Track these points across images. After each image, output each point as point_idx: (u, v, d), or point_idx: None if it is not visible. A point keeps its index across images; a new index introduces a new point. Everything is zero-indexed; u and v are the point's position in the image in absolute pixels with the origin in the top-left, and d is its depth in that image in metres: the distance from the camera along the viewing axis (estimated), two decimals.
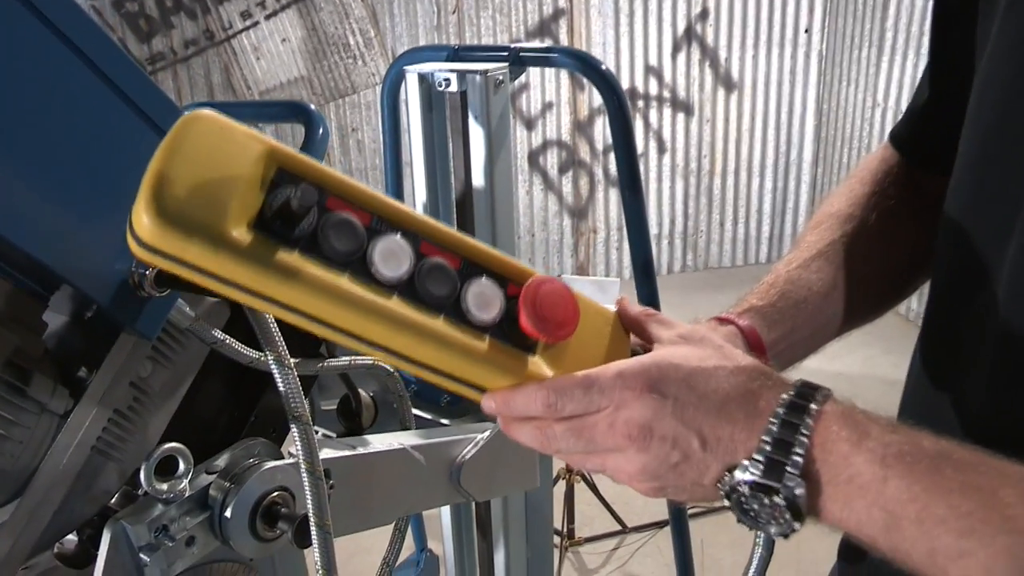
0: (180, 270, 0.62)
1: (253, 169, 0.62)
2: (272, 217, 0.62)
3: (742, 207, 6.78)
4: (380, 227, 0.67)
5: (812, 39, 6.37)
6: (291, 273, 0.62)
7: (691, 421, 0.67)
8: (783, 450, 0.64)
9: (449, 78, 1.62)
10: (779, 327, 0.90)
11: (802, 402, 0.65)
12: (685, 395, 0.67)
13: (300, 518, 0.91)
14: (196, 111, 0.63)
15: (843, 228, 0.99)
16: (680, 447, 0.67)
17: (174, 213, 0.59)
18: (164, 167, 0.60)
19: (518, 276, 0.72)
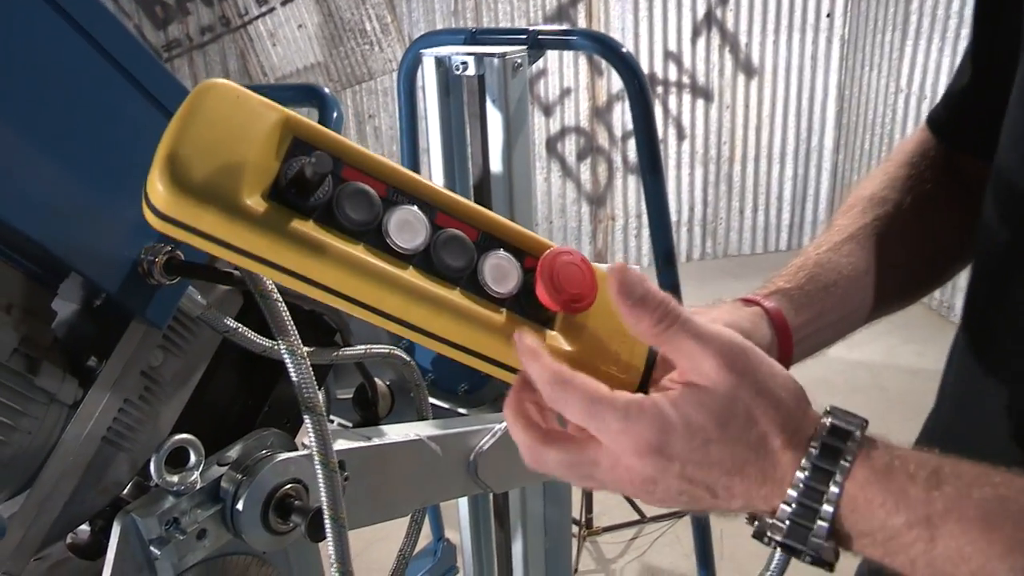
0: (194, 239, 0.61)
1: (268, 138, 0.62)
2: (287, 186, 0.61)
3: (762, 194, 6.73)
4: (396, 198, 0.66)
5: (834, 23, 6.29)
6: (306, 242, 0.61)
7: (700, 480, 0.62)
8: (807, 518, 0.60)
9: (467, 61, 1.60)
10: (806, 311, 0.86)
11: (828, 466, 0.60)
12: (692, 458, 0.62)
13: (314, 511, 0.89)
14: (211, 80, 0.63)
15: (876, 211, 0.96)
16: (688, 495, 0.64)
17: (188, 181, 0.58)
18: (179, 135, 0.59)
19: (536, 248, 0.70)
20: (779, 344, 0.83)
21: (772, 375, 0.63)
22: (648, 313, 0.62)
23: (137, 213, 0.79)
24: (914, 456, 0.60)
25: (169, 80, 0.80)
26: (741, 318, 0.81)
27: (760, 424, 0.61)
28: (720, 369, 0.61)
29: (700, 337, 0.61)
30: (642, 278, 0.62)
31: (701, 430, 0.61)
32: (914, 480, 0.58)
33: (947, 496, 0.57)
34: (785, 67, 6.39)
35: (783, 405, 0.62)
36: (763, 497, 0.62)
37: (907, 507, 0.58)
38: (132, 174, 0.79)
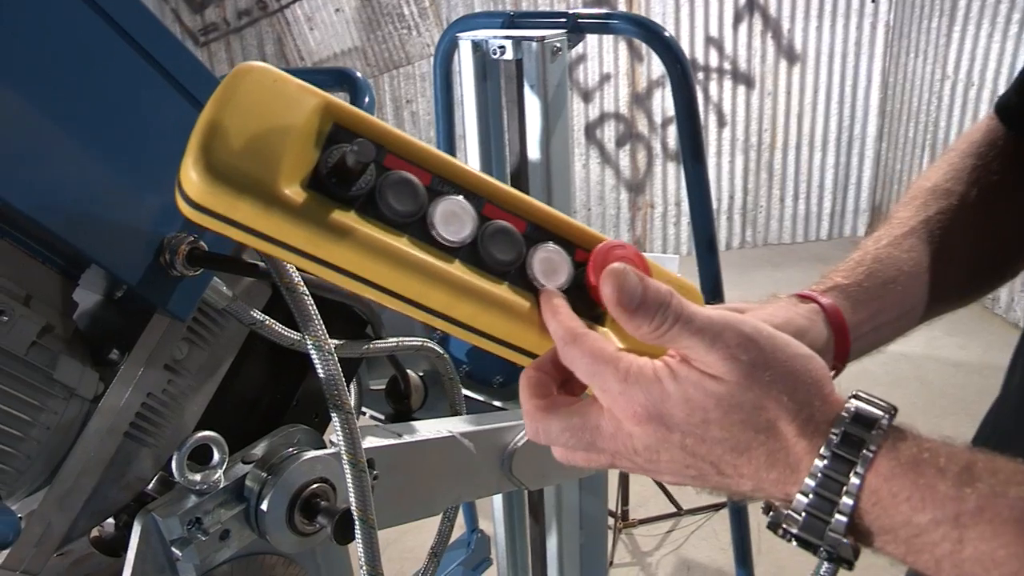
0: (229, 230, 0.58)
1: (307, 124, 0.59)
2: (327, 175, 0.59)
3: (803, 182, 6.64)
4: (441, 187, 0.63)
5: (879, 9, 6.18)
6: (346, 234, 0.58)
7: (703, 455, 0.60)
8: (825, 510, 0.56)
9: (504, 45, 1.56)
10: (865, 308, 0.82)
11: (849, 456, 0.56)
12: (692, 431, 0.59)
13: (341, 512, 0.86)
14: (248, 63, 0.60)
15: (939, 204, 0.91)
16: (695, 469, 0.61)
17: (224, 169, 0.55)
18: (214, 120, 0.56)
19: (587, 242, 0.67)
20: (836, 343, 0.79)
21: (788, 359, 0.59)
22: (647, 319, 0.59)
23: (158, 202, 0.76)
24: (945, 449, 0.55)
25: (193, 64, 0.77)
26: (797, 315, 0.77)
27: (769, 410, 0.57)
28: (726, 362, 0.58)
29: (703, 333, 0.58)
30: (638, 282, 0.59)
31: (700, 409, 0.58)
32: (944, 475, 0.54)
33: (980, 494, 0.53)
34: (828, 53, 6.29)
35: (799, 392, 0.58)
36: (774, 482, 0.59)
37: (935, 504, 0.53)
38: (152, 162, 0.76)
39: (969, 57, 5.32)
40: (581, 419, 0.62)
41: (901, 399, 0.56)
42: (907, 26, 5.99)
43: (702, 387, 0.58)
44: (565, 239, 0.66)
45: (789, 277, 6.07)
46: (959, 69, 5.42)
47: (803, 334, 0.75)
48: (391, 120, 6.10)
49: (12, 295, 0.74)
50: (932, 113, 5.76)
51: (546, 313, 0.62)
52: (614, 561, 3.37)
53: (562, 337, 0.61)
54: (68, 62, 0.70)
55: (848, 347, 0.80)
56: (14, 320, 0.74)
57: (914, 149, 6.05)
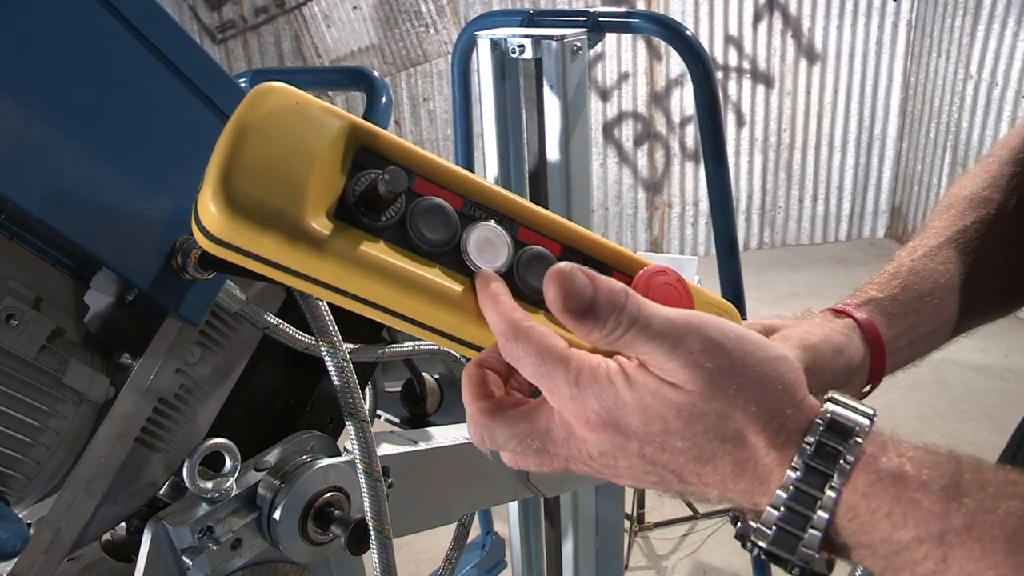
0: (252, 264, 0.55)
1: (332, 148, 0.56)
2: (355, 203, 0.56)
3: (822, 183, 6.60)
4: (474, 212, 0.60)
5: (900, 7, 6.13)
6: (376, 267, 0.55)
7: (663, 463, 0.55)
8: (797, 525, 0.52)
9: (523, 44, 1.54)
10: (901, 322, 0.80)
11: (824, 468, 0.51)
12: (651, 440, 0.54)
13: (355, 522, 0.84)
14: (268, 84, 0.57)
15: (976, 213, 0.88)
16: (656, 476, 0.57)
17: (245, 202, 0.52)
18: (233, 148, 0.53)
19: (626, 265, 0.64)
20: (872, 358, 0.77)
21: (758, 363, 0.54)
22: (599, 323, 0.54)
23: (170, 205, 0.75)
24: (928, 458, 0.51)
25: (207, 64, 0.76)
26: (833, 331, 0.74)
27: (736, 420, 0.53)
28: (687, 369, 0.53)
29: (662, 338, 0.53)
30: (587, 282, 0.53)
31: (659, 419, 0.53)
32: (927, 488, 0.50)
33: (968, 510, 0.49)
34: (849, 52, 6.25)
35: (769, 399, 0.54)
36: (741, 492, 0.55)
37: (917, 520, 0.49)
38: (164, 165, 0.75)
39: (993, 56, 5.27)
40: (529, 424, 0.58)
41: (920, 403, 0.53)
42: (929, 25, 5.94)
43: (660, 396, 0.53)
44: (602, 262, 0.64)
45: (807, 278, 6.03)
46: (982, 69, 5.37)
47: (841, 351, 0.73)
48: (408, 118, 6.09)
49: (22, 298, 0.73)
50: (954, 114, 5.70)
51: (484, 300, 0.58)
52: (629, 564, 3.34)
53: (504, 331, 0.56)
54: (81, 65, 0.69)
55: (884, 362, 0.78)
56: (24, 324, 0.73)
57: (935, 150, 5.99)
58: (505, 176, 1.73)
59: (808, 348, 0.71)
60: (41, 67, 0.67)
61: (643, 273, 0.62)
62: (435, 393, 1.28)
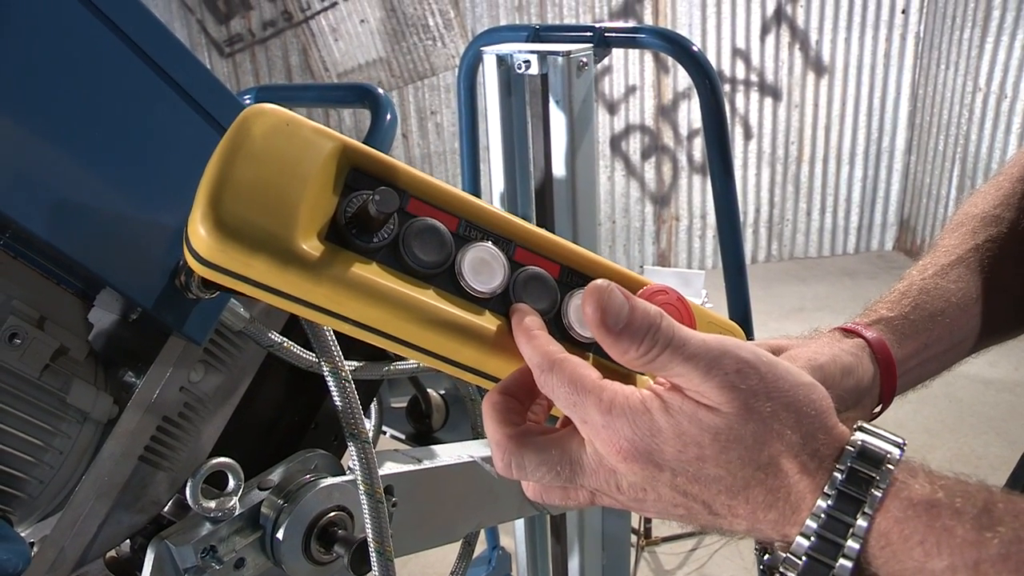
0: (243, 287, 0.55)
1: (324, 170, 0.55)
2: (347, 224, 0.55)
3: (830, 196, 6.59)
4: (469, 233, 0.60)
5: (909, 20, 6.13)
6: (369, 290, 0.54)
7: (695, 495, 0.55)
8: (828, 554, 0.51)
9: (529, 60, 1.54)
10: (912, 342, 0.79)
11: (857, 494, 0.51)
12: (684, 469, 0.54)
13: (358, 543, 0.84)
14: (259, 105, 0.56)
15: (988, 231, 0.88)
16: (684, 508, 0.56)
17: (236, 225, 0.52)
18: (223, 171, 0.53)
19: (627, 285, 0.62)
20: (882, 378, 0.76)
21: (791, 388, 0.54)
22: (635, 342, 0.53)
23: (173, 225, 0.75)
24: (960, 487, 0.51)
25: (210, 82, 0.76)
26: (842, 351, 0.74)
27: (771, 446, 0.53)
28: (724, 391, 0.52)
29: (697, 359, 0.53)
30: (624, 301, 0.54)
31: (695, 445, 0.53)
32: (961, 517, 0.49)
33: (1003, 539, 0.48)
34: (857, 65, 6.25)
35: (802, 424, 0.53)
36: (772, 523, 0.54)
37: (952, 549, 0.48)
38: (167, 184, 0.75)
39: (1002, 69, 5.26)
40: (559, 452, 0.57)
41: (930, 417, 0.52)
42: (938, 37, 5.94)
43: (697, 419, 0.53)
44: None
45: (815, 292, 6.02)
46: (991, 81, 5.36)
47: (850, 371, 0.73)
48: (415, 131, 6.10)
49: (26, 317, 0.73)
50: (963, 126, 5.69)
51: (519, 334, 0.58)
52: None
53: (539, 363, 0.56)
54: (84, 85, 0.69)
55: (895, 383, 0.77)
56: (27, 343, 0.73)
57: (944, 163, 5.98)
58: (511, 191, 1.74)
59: (816, 369, 0.70)
60: (44, 88, 0.67)
61: (644, 292, 0.61)
62: (441, 409, 1.27)
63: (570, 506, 0.61)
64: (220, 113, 0.76)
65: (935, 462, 0.54)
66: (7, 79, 0.65)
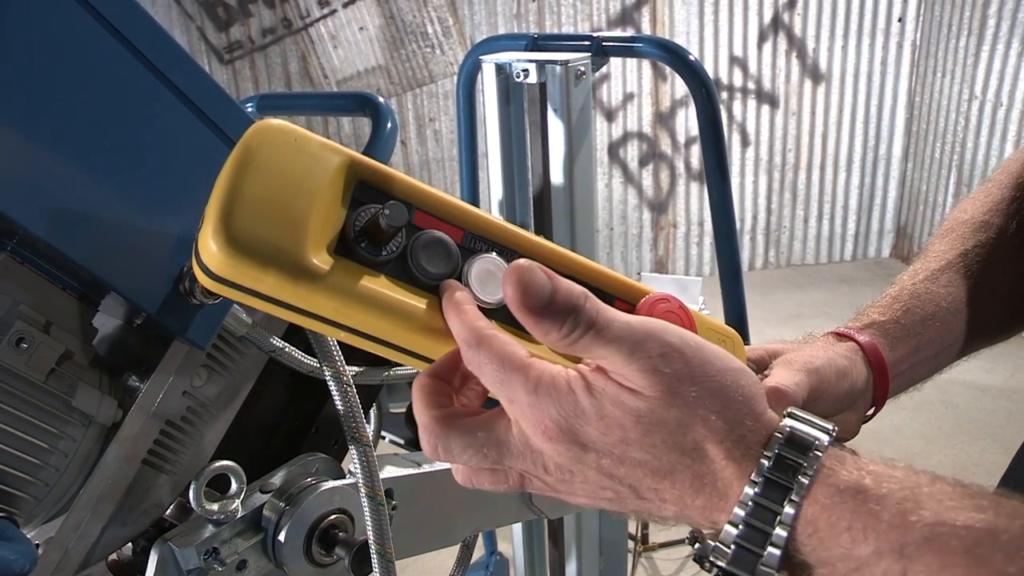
0: (253, 301, 0.55)
1: (332, 184, 0.56)
2: (356, 237, 0.56)
3: (827, 203, 6.60)
4: (474, 244, 0.60)
5: (905, 28, 6.15)
6: (378, 302, 0.55)
7: (620, 477, 0.54)
8: (756, 542, 0.51)
9: (528, 69, 1.56)
10: (903, 345, 0.81)
11: (784, 482, 0.51)
12: (609, 451, 0.53)
13: (359, 545, 0.85)
14: (266, 121, 0.57)
15: (977, 237, 0.89)
16: (612, 492, 0.56)
17: (246, 240, 0.52)
18: (233, 187, 0.53)
19: (627, 294, 0.64)
20: (875, 381, 0.78)
21: (718, 372, 0.54)
22: (556, 323, 0.53)
23: (178, 231, 0.76)
24: (887, 472, 0.51)
25: (213, 90, 0.77)
26: (837, 355, 0.75)
27: (695, 430, 0.52)
28: (647, 374, 0.52)
29: (621, 342, 0.52)
30: (547, 281, 0.53)
31: (618, 427, 0.52)
32: (886, 502, 0.49)
33: (926, 522, 0.48)
34: (853, 73, 6.26)
35: (729, 409, 0.53)
36: (699, 509, 0.54)
37: (877, 534, 0.49)
38: (172, 191, 0.76)
39: (998, 77, 5.28)
40: (486, 434, 0.56)
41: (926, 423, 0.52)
42: (934, 45, 5.95)
43: (620, 402, 0.52)
44: (604, 292, 0.64)
45: (812, 298, 6.02)
46: (987, 89, 5.38)
47: (844, 374, 0.74)
48: (414, 138, 6.11)
49: (32, 322, 0.74)
50: (959, 134, 5.71)
51: (448, 310, 0.57)
52: None
53: (467, 339, 0.55)
54: (90, 92, 0.70)
55: (888, 385, 0.79)
56: (34, 347, 0.74)
57: (940, 170, 6.00)
58: (509, 199, 1.75)
59: (812, 372, 0.71)
60: (51, 96, 0.68)
61: (646, 301, 0.62)
62: None
63: (500, 490, 0.60)
64: (223, 121, 0.77)
65: (932, 468, 0.54)
66: (15, 87, 0.66)
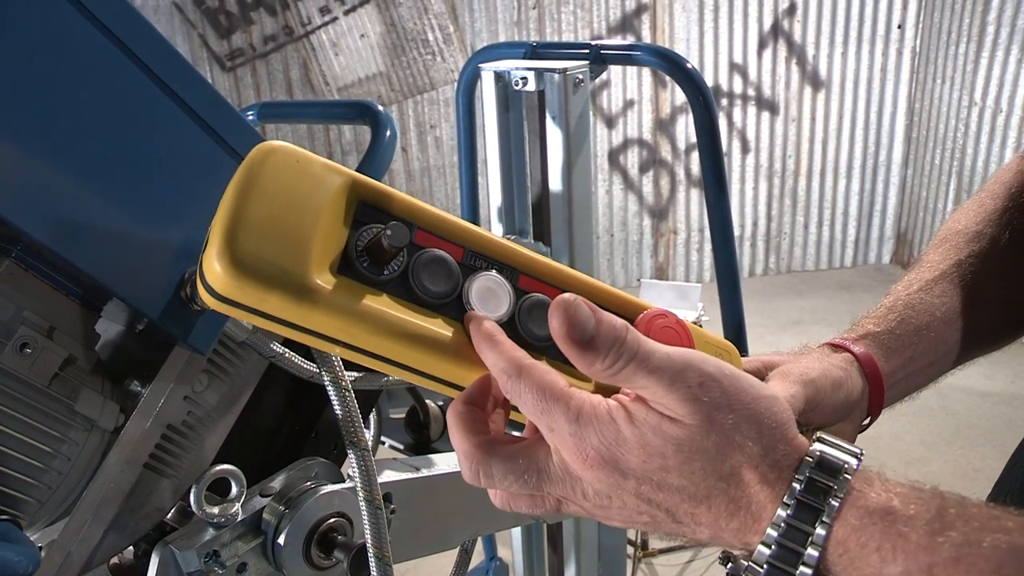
0: (257, 320, 0.56)
1: (334, 204, 0.57)
2: (358, 258, 0.57)
3: (827, 209, 6.61)
4: (475, 262, 0.61)
5: (905, 35, 6.16)
6: (380, 321, 0.56)
7: (659, 502, 0.56)
8: (789, 562, 0.53)
9: (526, 77, 1.57)
10: (898, 356, 0.81)
11: (815, 504, 0.53)
12: (649, 478, 0.55)
13: (357, 548, 0.86)
14: (269, 143, 0.58)
15: (971, 247, 0.90)
16: (648, 516, 0.58)
17: (250, 260, 0.53)
18: (237, 208, 0.54)
19: (626, 310, 0.65)
20: (871, 391, 0.78)
21: (752, 400, 0.56)
22: (600, 355, 0.55)
23: (180, 238, 0.77)
24: (915, 494, 0.53)
25: (214, 98, 0.78)
26: (833, 366, 0.76)
27: (733, 457, 0.54)
28: (687, 403, 0.54)
29: (661, 372, 0.54)
30: (591, 314, 0.55)
31: (659, 455, 0.54)
32: (914, 523, 0.51)
33: (954, 543, 0.50)
34: (853, 79, 6.27)
35: (763, 436, 0.55)
36: (734, 531, 0.55)
37: (906, 554, 0.50)
38: (174, 198, 0.77)
39: (997, 83, 5.29)
40: (527, 460, 0.58)
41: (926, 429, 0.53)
42: (934, 52, 5.97)
43: (660, 431, 0.54)
44: (605, 308, 0.63)
45: (813, 305, 6.03)
46: (987, 95, 5.39)
47: (840, 385, 0.74)
48: (415, 145, 6.13)
49: (36, 327, 0.75)
50: (959, 140, 5.72)
51: (481, 341, 0.58)
52: None
53: (506, 369, 0.56)
54: (94, 102, 0.71)
55: (883, 396, 0.79)
56: (37, 352, 0.75)
57: (940, 176, 6.01)
58: (509, 205, 1.76)
59: (808, 383, 0.71)
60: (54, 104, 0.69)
61: (644, 316, 0.63)
62: (439, 420, 1.29)
63: (537, 514, 0.62)
64: (225, 131, 0.78)
65: (932, 475, 0.56)
66: (19, 97, 0.67)
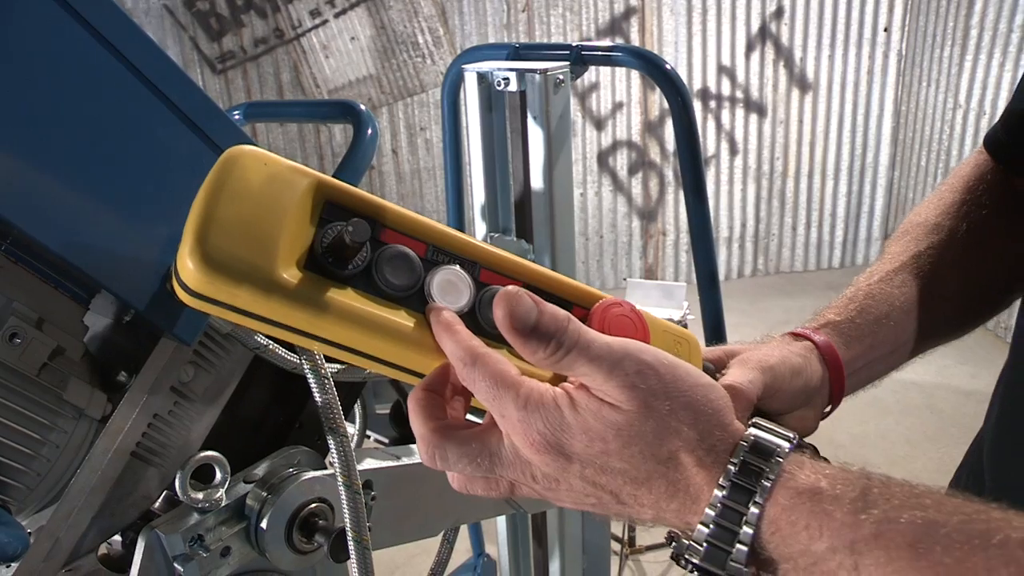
0: (229, 315, 0.59)
1: (300, 204, 0.60)
2: (323, 253, 0.60)
3: (815, 211, 6.65)
4: (437, 257, 0.64)
5: (891, 38, 6.21)
6: (345, 312, 0.59)
7: (603, 484, 0.59)
8: (726, 540, 0.56)
9: (508, 77, 1.59)
10: (858, 344, 0.83)
11: (748, 485, 0.55)
12: (592, 461, 0.58)
13: (337, 532, 0.89)
14: (238, 147, 0.61)
15: (930, 239, 0.93)
16: (595, 498, 0.61)
17: (221, 258, 0.56)
18: (208, 209, 0.57)
19: (583, 299, 0.68)
20: (831, 379, 0.80)
21: (689, 388, 0.59)
22: (542, 344, 0.58)
23: (166, 231, 0.80)
24: (842, 476, 0.56)
25: (199, 97, 0.81)
26: (792, 353, 0.78)
27: (670, 442, 0.57)
28: (624, 390, 0.57)
29: (601, 361, 0.57)
30: (533, 305, 0.58)
31: (600, 439, 0.57)
32: (840, 502, 0.54)
33: (874, 520, 0.53)
34: (840, 82, 6.31)
35: (699, 422, 0.58)
36: (675, 512, 0.58)
37: (831, 531, 0.53)
38: (160, 193, 0.79)
39: (981, 86, 5.34)
40: (480, 444, 0.61)
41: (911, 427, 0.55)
42: (919, 55, 6.01)
43: (601, 416, 0.57)
44: (562, 298, 0.67)
45: (801, 305, 6.05)
46: (971, 98, 5.44)
47: (798, 372, 0.77)
48: (405, 147, 6.14)
49: (25, 318, 0.78)
50: (944, 142, 5.76)
51: (440, 330, 0.61)
52: None
53: (462, 357, 0.59)
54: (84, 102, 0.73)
55: (844, 383, 0.81)
56: (26, 342, 0.77)
57: (926, 177, 6.05)
58: (492, 204, 1.78)
59: (766, 370, 0.74)
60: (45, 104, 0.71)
61: (599, 305, 0.66)
62: None
63: (492, 495, 0.65)
64: (211, 129, 0.81)
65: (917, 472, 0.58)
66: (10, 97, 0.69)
